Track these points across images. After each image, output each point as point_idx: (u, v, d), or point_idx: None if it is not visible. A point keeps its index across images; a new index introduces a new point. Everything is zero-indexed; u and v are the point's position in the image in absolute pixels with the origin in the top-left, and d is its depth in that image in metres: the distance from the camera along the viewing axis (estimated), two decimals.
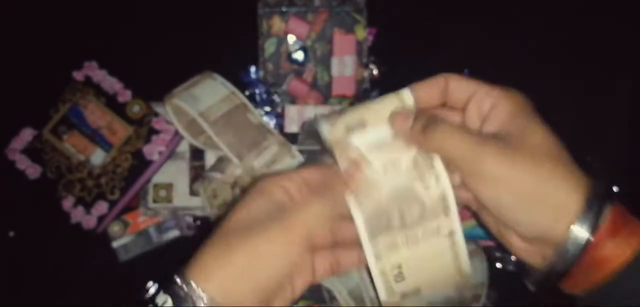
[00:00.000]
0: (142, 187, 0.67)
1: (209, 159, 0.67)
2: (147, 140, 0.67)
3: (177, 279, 0.32)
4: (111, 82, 0.70)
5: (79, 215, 0.66)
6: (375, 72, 0.72)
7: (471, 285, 0.39)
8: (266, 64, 0.70)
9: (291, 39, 0.70)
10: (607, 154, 0.69)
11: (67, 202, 0.66)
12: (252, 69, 0.71)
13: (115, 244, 0.66)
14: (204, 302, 0.31)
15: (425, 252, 0.36)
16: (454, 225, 0.36)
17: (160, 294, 0.32)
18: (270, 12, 0.70)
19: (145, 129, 0.68)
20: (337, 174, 0.36)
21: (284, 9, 0.69)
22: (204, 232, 0.43)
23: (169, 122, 0.67)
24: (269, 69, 0.70)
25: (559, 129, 0.38)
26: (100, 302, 0.32)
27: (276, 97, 0.71)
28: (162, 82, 0.66)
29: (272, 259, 0.33)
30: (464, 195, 0.37)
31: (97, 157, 0.67)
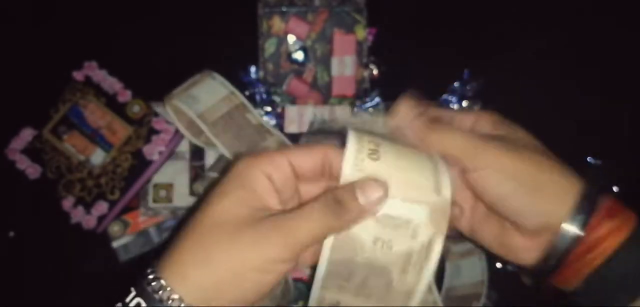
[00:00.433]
0: (142, 187, 0.67)
1: (209, 159, 0.67)
2: (147, 140, 0.67)
3: (151, 280, 0.29)
4: (111, 82, 0.70)
5: (79, 215, 0.66)
6: (375, 72, 0.72)
7: None
8: (266, 64, 0.70)
9: (291, 39, 0.70)
10: (607, 154, 0.69)
11: (67, 202, 0.66)
12: (252, 69, 0.71)
13: (115, 244, 0.66)
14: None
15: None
16: None
17: (133, 296, 0.29)
18: (270, 12, 0.70)
19: (145, 129, 0.68)
20: (355, 199, 0.30)
21: (284, 9, 0.69)
22: None
23: (169, 122, 0.67)
24: (269, 69, 0.70)
25: (559, 129, 0.38)
26: (100, 302, 0.30)
27: (276, 97, 0.71)
28: (162, 82, 0.66)
29: (261, 273, 0.30)
30: (462, 220, 0.38)
31: (97, 157, 0.67)
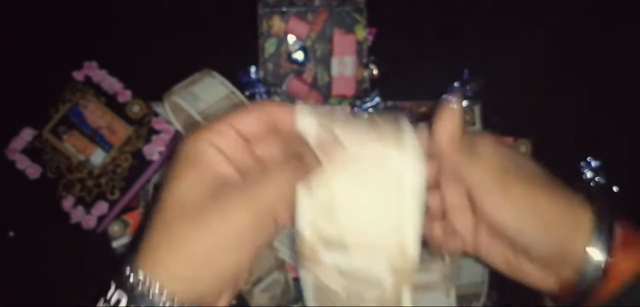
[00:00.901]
0: (142, 187, 0.67)
1: None
2: (147, 140, 0.67)
3: (128, 272, 0.28)
4: (111, 82, 0.70)
5: (79, 215, 0.66)
6: (375, 72, 0.72)
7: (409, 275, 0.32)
8: (266, 64, 0.70)
9: (291, 39, 0.70)
10: (607, 153, 0.69)
11: (67, 202, 0.66)
12: (252, 69, 0.71)
13: (115, 244, 0.66)
14: (164, 298, 0.28)
15: (367, 200, 0.30)
16: None
17: (112, 289, 0.28)
18: (270, 12, 0.70)
19: (145, 129, 0.68)
20: (315, 155, 0.31)
21: (284, 9, 0.69)
22: None
23: (169, 122, 0.67)
24: (269, 69, 0.70)
25: (559, 129, 0.38)
26: (100, 302, 0.30)
27: (276, 97, 0.71)
28: (162, 82, 0.66)
29: (235, 245, 0.29)
30: (459, 242, 0.37)
31: (97, 157, 0.67)
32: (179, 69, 0.68)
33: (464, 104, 0.71)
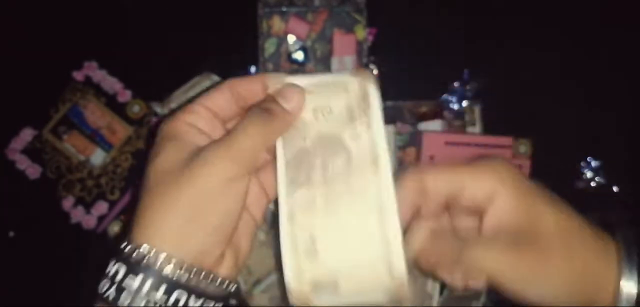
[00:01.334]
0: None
1: None
2: (147, 140, 0.67)
3: (126, 244, 0.29)
4: (111, 82, 0.70)
5: (79, 215, 0.66)
6: (375, 72, 0.72)
7: (409, 297, 0.30)
8: (266, 64, 0.70)
9: (291, 39, 0.70)
10: (607, 153, 0.69)
11: (67, 202, 0.66)
12: (252, 69, 0.71)
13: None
14: (162, 261, 0.28)
15: (346, 224, 0.30)
16: (383, 195, 0.30)
17: (111, 263, 0.29)
18: (270, 12, 0.70)
19: (145, 129, 0.68)
20: (279, 104, 0.33)
21: (284, 9, 0.69)
22: None
23: None
24: (269, 69, 0.70)
25: (559, 129, 0.37)
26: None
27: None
28: (162, 82, 0.66)
29: (221, 197, 0.30)
30: (466, 281, 0.35)
31: (97, 157, 0.67)
32: (179, 69, 0.68)
33: (464, 104, 0.71)
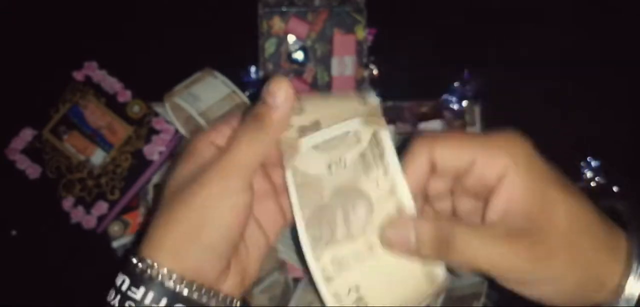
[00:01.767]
0: (142, 187, 0.67)
1: None
2: (147, 140, 0.67)
3: (132, 257, 0.31)
4: (111, 82, 0.70)
5: (79, 215, 0.66)
6: (375, 72, 0.72)
7: (443, 287, 0.32)
8: (266, 64, 0.70)
9: (291, 39, 0.70)
10: (607, 153, 0.69)
11: (67, 202, 0.66)
12: (252, 69, 0.71)
13: (115, 244, 0.66)
14: (163, 274, 0.29)
15: (382, 263, 0.30)
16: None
17: (118, 275, 0.31)
18: (270, 12, 0.70)
19: (145, 129, 0.68)
20: (268, 109, 0.32)
21: (284, 9, 0.69)
22: None
23: (169, 122, 0.67)
24: (269, 69, 0.70)
25: (559, 128, 0.37)
26: (100, 302, 0.31)
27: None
28: (162, 82, 0.66)
29: (216, 212, 0.30)
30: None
31: (97, 157, 0.67)
32: (179, 69, 0.68)
33: (464, 104, 0.71)
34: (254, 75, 0.71)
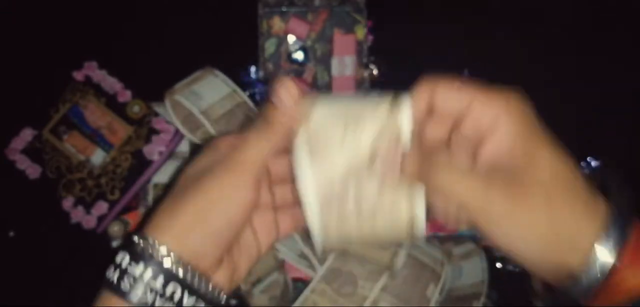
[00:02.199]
0: (142, 187, 0.67)
1: None
2: (147, 140, 0.67)
3: (134, 237, 0.32)
4: (111, 82, 0.70)
5: (79, 215, 0.66)
6: (375, 72, 0.72)
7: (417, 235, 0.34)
8: (266, 64, 0.70)
9: (291, 39, 0.70)
10: (607, 153, 0.69)
11: (67, 202, 0.66)
12: (252, 69, 0.71)
13: (115, 244, 0.66)
14: (162, 253, 0.31)
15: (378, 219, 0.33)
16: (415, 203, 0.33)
17: (119, 252, 0.32)
18: (270, 12, 0.70)
19: (145, 129, 0.68)
20: (275, 110, 0.34)
21: (284, 9, 0.69)
22: None
23: (169, 122, 0.67)
24: (269, 69, 0.70)
25: (559, 128, 0.37)
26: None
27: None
28: (162, 82, 0.66)
29: (223, 203, 0.32)
30: (464, 218, 0.33)
31: (97, 157, 0.67)
32: (179, 69, 0.68)
33: None
34: (254, 75, 0.71)
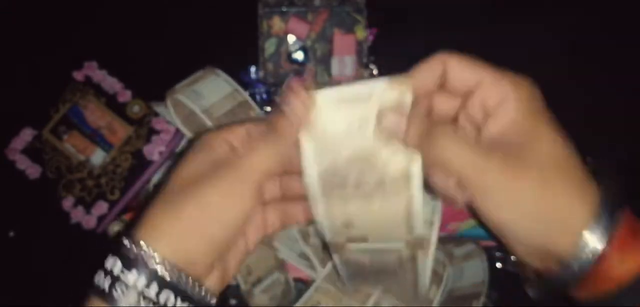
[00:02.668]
0: (142, 187, 0.67)
1: None
2: (147, 140, 0.67)
3: (125, 240, 0.31)
4: (111, 82, 0.70)
5: (79, 215, 0.66)
6: (375, 72, 0.72)
7: (421, 242, 0.37)
8: (266, 64, 0.70)
9: (291, 39, 0.70)
10: (607, 153, 0.69)
11: (67, 202, 0.66)
12: (252, 69, 0.71)
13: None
14: (156, 261, 0.30)
15: (378, 209, 0.34)
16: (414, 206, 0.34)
17: (108, 257, 0.31)
18: (270, 12, 0.70)
19: (145, 129, 0.68)
20: (284, 118, 0.33)
21: (284, 9, 0.69)
22: None
23: (169, 122, 0.67)
24: (269, 69, 0.70)
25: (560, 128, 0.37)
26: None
27: (276, 97, 0.71)
28: (162, 82, 0.66)
29: (223, 212, 0.31)
30: (461, 195, 0.33)
31: (97, 157, 0.67)
32: (179, 69, 0.68)
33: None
34: (254, 75, 0.71)
